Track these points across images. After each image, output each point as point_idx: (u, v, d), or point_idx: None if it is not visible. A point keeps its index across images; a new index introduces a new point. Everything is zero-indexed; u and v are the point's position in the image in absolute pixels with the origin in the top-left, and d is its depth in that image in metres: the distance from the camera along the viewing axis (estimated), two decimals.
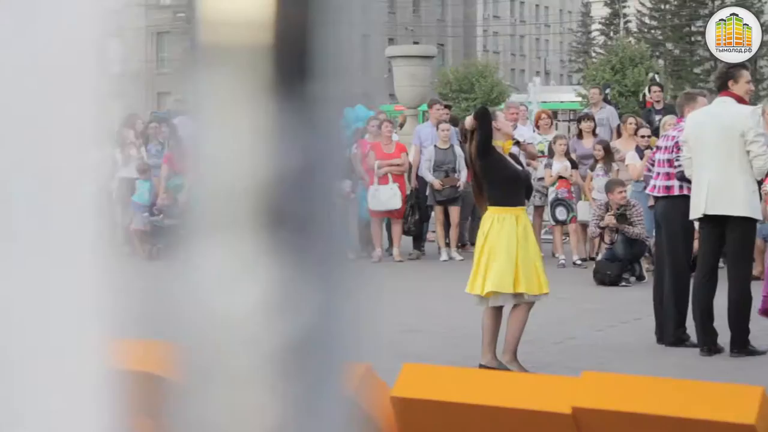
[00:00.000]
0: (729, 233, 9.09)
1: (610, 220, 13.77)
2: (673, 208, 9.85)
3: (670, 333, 9.70)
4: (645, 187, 14.84)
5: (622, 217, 13.72)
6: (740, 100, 9.08)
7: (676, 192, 9.81)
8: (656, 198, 10.27)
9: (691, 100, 9.98)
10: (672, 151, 9.92)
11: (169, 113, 30.75)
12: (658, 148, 10.48)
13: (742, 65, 9.53)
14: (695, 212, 9.23)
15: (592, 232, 14.74)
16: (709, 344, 9.17)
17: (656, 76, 22.23)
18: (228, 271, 0.80)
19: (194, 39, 0.80)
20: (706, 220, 9.16)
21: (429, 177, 15.93)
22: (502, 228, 8.35)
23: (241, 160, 0.80)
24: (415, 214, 16.36)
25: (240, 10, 0.79)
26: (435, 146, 16.12)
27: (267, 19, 0.79)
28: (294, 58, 0.81)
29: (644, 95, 18.68)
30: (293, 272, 0.81)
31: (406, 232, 16.46)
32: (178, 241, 0.82)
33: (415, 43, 70.30)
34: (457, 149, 16.07)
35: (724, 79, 9.18)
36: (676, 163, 9.80)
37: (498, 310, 8.53)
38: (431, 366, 3.53)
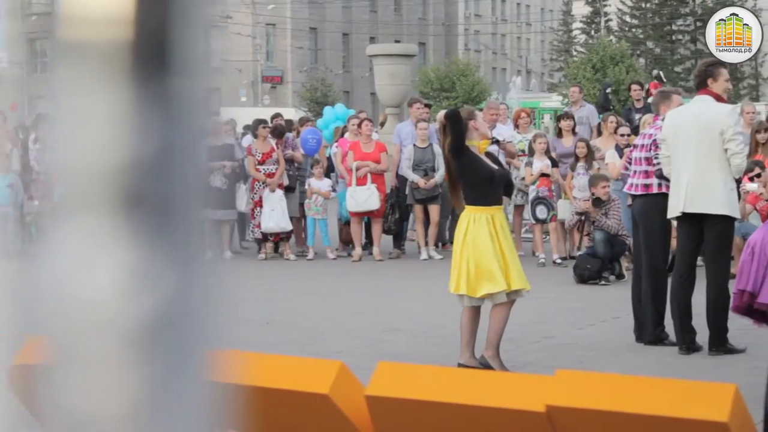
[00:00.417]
0: (707, 231, 9.10)
1: (586, 204, 13.86)
2: (650, 206, 9.87)
3: (649, 332, 9.72)
4: (624, 186, 14.94)
5: (598, 201, 13.80)
6: (719, 98, 9.09)
7: (654, 190, 9.83)
8: (634, 196, 10.28)
9: (667, 99, 10.00)
10: (650, 149, 9.95)
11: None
12: (636, 146, 10.51)
13: (720, 63, 9.53)
14: (673, 211, 9.25)
15: (569, 221, 14.78)
16: (687, 343, 9.19)
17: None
18: (85, 253, 0.81)
19: (55, 35, 0.83)
20: (685, 218, 9.18)
21: (411, 175, 15.94)
22: (479, 228, 8.37)
23: (99, 147, 0.82)
24: (395, 213, 16.37)
25: (100, 7, 0.81)
26: (414, 145, 16.12)
27: (126, 16, 0.82)
28: (152, 54, 0.84)
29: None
30: (149, 254, 0.82)
31: (386, 231, 16.46)
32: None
33: (397, 41, 70.26)
34: (436, 148, 16.08)
35: (703, 77, 9.18)
36: (654, 161, 9.83)
37: (476, 310, 8.54)
38: (406, 365, 3.53)
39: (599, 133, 16.19)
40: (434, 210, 16.25)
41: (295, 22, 78.89)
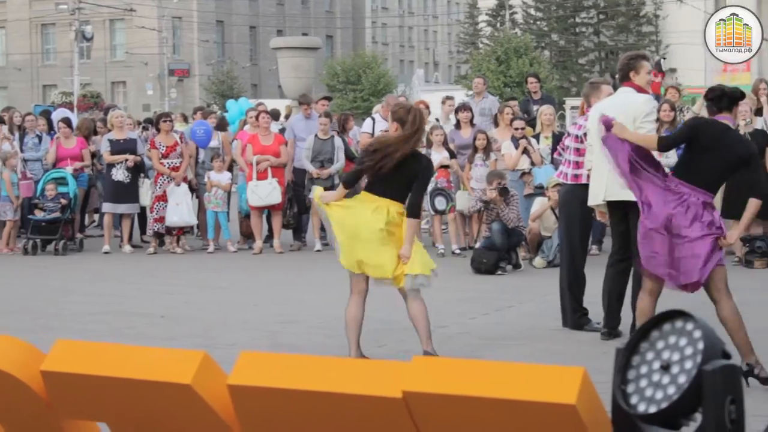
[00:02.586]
0: (632, 219, 9.17)
1: (492, 194, 14.00)
2: (575, 195, 9.98)
3: (570, 318, 9.90)
4: (522, 175, 15.11)
5: (504, 190, 13.98)
6: (641, 90, 9.14)
7: (583, 180, 9.93)
8: (562, 185, 10.45)
9: (596, 89, 10.08)
10: (581, 140, 10.09)
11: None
12: (569, 135, 10.67)
13: (642, 56, 9.58)
14: (595, 198, 9.32)
15: (472, 206, 14.90)
16: (609, 328, 9.30)
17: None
18: None
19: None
20: (612, 207, 9.26)
21: (307, 165, 15.97)
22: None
23: None
24: (293, 208, 16.39)
25: None
26: (315, 136, 16.16)
27: None
28: None
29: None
30: None
31: (285, 226, 16.48)
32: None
33: (304, 34, 70.16)
34: (338, 140, 16.16)
35: (625, 70, 9.24)
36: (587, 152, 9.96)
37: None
38: (267, 353, 3.58)
39: (496, 125, 16.35)
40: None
41: (201, 15, 78.35)
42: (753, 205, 7.76)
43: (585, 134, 9.95)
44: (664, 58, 44.16)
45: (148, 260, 15.86)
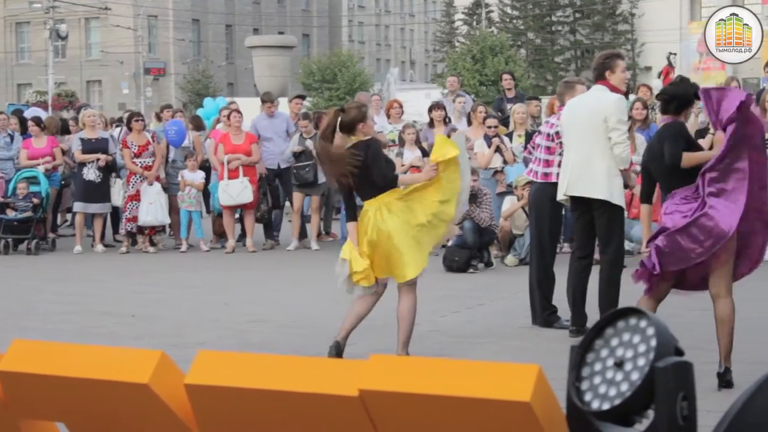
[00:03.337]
0: (596, 218, 9.21)
1: None
2: (544, 194, 10.04)
3: (539, 316, 9.95)
4: (495, 173, 15.13)
5: (473, 197, 13.98)
6: (614, 89, 9.16)
7: (552, 179, 9.97)
8: (533, 183, 10.49)
9: (571, 89, 10.09)
10: (552, 138, 10.11)
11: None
12: (540, 133, 10.71)
13: (617, 55, 9.58)
14: (559, 193, 9.38)
15: None
16: (577, 325, 9.32)
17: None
18: None
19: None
20: (574, 202, 9.29)
21: (290, 151, 16.12)
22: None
23: None
24: (266, 203, 16.39)
25: None
26: (300, 135, 16.23)
27: None
28: None
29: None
30: None
31: (258, 220, 16.46)
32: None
33: (281, 33, 70.11)
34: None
35: (601, 69, 9.25)
36: (558, 151, 9.97)
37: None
38: (225, 353, 3.57)
39: (469, 123, 16.37)
40: (315, 201, 16.43)
41: (177, 13, 78.17)
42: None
43: (556, 133, 9.99)
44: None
45: (120, 260, 15.82)
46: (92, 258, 16.01)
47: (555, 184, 9.68)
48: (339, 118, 8.27)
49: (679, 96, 7.85)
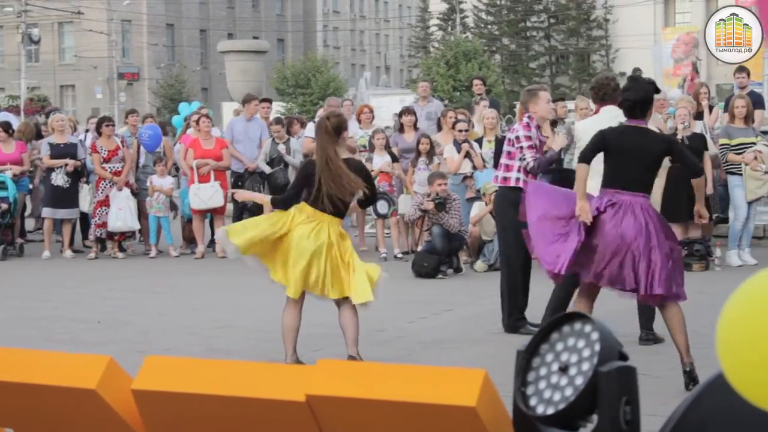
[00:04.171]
0: None
1: (429, 205, 14.03)
2: (505, 199, 10.01)
3: (506, 321, 9.96)
4: (464, 178, 15.17)
5: (441, 205, 14.00)
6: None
7: (511, 183, 9.98)
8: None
9: (534, 96, 10.13)
10: (513, 144, 10.12)
11: None
12: (506, 138, 10.75)
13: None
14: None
15: (411, 215, 14.82)
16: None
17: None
18: None
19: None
20: None
21: (263, 166, 16.09)
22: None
23: None
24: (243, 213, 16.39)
25: None
26: (273, 140, 16.21)
27: None
28: None
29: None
30: None
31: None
32: None
33: (255, 38, 70.02)
34: (294, 143, 16.34)
35: (607, 90, 9.41)
36: (518, 156, 9.97)
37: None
38: (172, 358, 3.56)
39: (439, 128, 16.39)
40: None
41: (151, 18, 77.97)
42: (696, 184, 7.93)
43: (517, 137, 10.01)
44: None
45: (89, 265, 15.75)
46: (61, 264, 15.93)
47: (515, 189, 9.72)
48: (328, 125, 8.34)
49: (640, 100, 7.94)
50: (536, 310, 9.66)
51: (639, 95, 7.97)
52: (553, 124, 12.14)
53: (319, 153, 8.38)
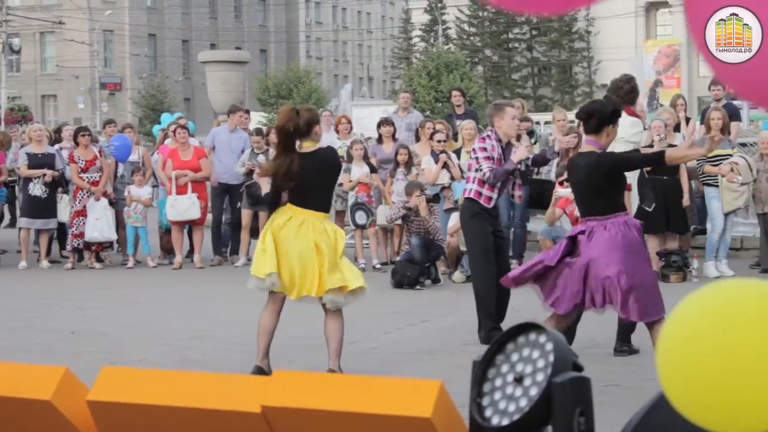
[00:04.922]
0: None
1: (418, 200, 14.02)
2: (464, 210, 10.20)
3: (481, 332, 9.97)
4: (442, 189, 15.16)
5: (436, 197, 14.08)
6: (632, 113, 9.43)
7: (468, 194, 10.05)
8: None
9: (500, 111, 10.15)
10: (471, 156, 10.20)
11: None
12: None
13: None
14: None
15: (395, 213, 14.69)
16: None
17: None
18: None
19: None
20: None
21: (240, 170, 16.06)
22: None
23: None
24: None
25: None
26: (252, 151, 16.19)
27: None
28: None
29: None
30: None
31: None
32: None
33: (238, 48, 70.01)
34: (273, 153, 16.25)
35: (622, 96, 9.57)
36: (475, 166, 10.01)
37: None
38: (128, 369, 3.54)
39: (417, 139, 16.39)
40: (264, 216, 16.33)
41: (133, 28, 77.88)
42: (671, 158, 8.01)
43: (473, 149, 10.13)
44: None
45: (65, 276, 15.68)
46: (37, 274, 15.86)
47: (473, 200, 9.84)
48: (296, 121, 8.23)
49: (596, 112, 7.92)
50: (516, 320, 9.64)
51: (595, 108, 8.00)
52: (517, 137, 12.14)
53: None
